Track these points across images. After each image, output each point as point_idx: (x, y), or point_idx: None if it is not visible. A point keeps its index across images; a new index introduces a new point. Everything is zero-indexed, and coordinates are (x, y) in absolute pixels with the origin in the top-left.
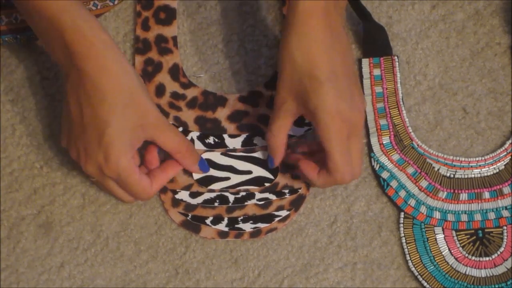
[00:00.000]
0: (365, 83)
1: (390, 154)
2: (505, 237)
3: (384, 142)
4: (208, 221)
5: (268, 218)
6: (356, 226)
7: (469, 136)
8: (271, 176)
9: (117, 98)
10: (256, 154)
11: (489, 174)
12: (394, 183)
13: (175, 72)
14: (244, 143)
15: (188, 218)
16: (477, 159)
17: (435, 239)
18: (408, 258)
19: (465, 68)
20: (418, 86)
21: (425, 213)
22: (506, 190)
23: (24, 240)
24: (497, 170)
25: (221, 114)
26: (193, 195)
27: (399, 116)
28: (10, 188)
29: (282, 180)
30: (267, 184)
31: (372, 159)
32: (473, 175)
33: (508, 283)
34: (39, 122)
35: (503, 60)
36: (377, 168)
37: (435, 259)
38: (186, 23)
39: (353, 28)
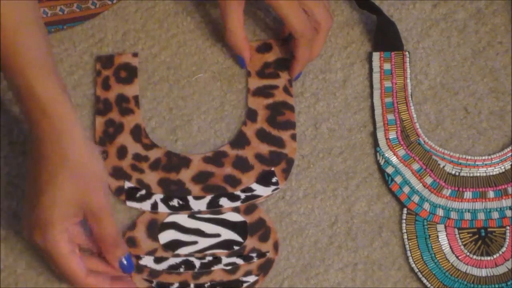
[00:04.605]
0: (374, 77)
1: (396, 149)
2: (508, 237)
3: (390, 137)
4: None
5: (236, 284)
6: (356, 226)
7: (470, 136)
8: (240, 239)
9: (57, 169)
10: (223, 216)
11: (494, 173)
12: (398, 179)
13: (137, 133)
14: (209, 205)
15: (153, 285)
16: (483, 157)
17: (437, 236)
18: (409, 254)
19: (466, 68)
20: (419, 86)
21: (428, 210)
22: (510, 190)
23: (22, 240)
24: (503, 170)
25: (185, 175)
26: (158, 260)
27: (407, 112)
28: (10, 188)
29: (249, 243)
30: (236, 248)
31: (378, 154)
32: (478, 174)
33: (509, 283)
34: None
35: (505, 59)
36: (382, 163)
37: (436, 256)
38: (186, 22)
39: (362, 20)
